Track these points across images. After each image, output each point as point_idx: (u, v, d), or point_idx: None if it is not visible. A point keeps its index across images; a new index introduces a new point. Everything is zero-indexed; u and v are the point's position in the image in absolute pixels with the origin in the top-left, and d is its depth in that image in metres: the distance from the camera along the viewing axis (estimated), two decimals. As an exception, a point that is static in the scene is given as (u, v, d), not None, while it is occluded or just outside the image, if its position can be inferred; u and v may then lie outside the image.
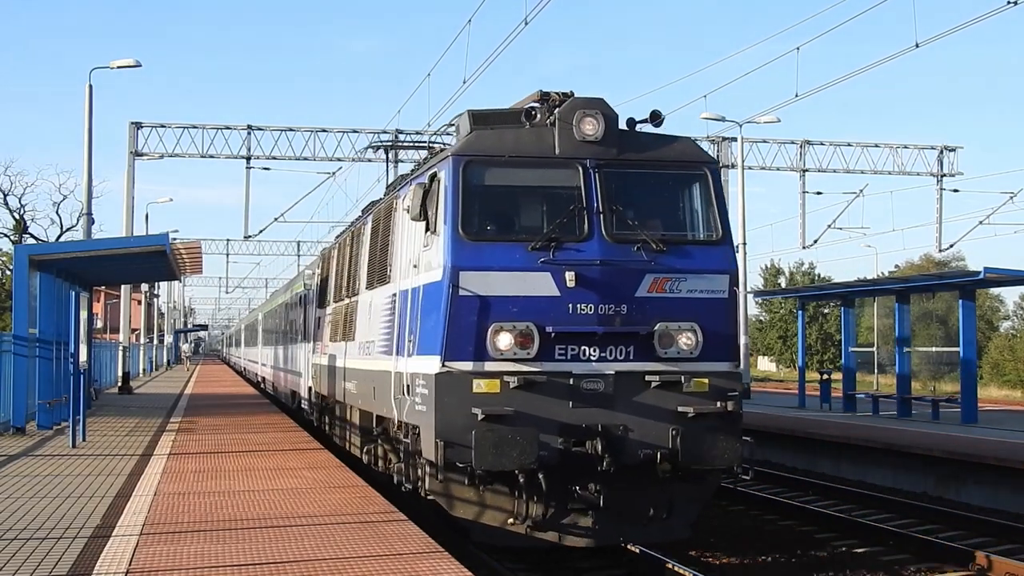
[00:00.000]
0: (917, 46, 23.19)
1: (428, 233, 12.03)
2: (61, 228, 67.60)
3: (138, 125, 39.54)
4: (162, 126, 39.71)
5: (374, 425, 15.19)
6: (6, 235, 68.29)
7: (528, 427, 11.04)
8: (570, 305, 11.42)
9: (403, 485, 13.05)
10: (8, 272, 59.28)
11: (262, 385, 43.24)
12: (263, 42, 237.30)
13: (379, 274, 14.69)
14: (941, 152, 41.05)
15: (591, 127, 11.89)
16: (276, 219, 45.53)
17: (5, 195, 67.39)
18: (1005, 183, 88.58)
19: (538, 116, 12.06)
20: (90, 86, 33.77)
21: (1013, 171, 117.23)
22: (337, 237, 21.49)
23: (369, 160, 40.86)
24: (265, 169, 40.80)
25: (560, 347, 11.43)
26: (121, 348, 42.67)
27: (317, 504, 12.08)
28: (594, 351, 11.51)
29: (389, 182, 18.33)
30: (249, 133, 40.02)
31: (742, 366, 12.15)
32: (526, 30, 22.62)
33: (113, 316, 68.89)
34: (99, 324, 63.26)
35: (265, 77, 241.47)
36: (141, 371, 59.45)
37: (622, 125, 12.29)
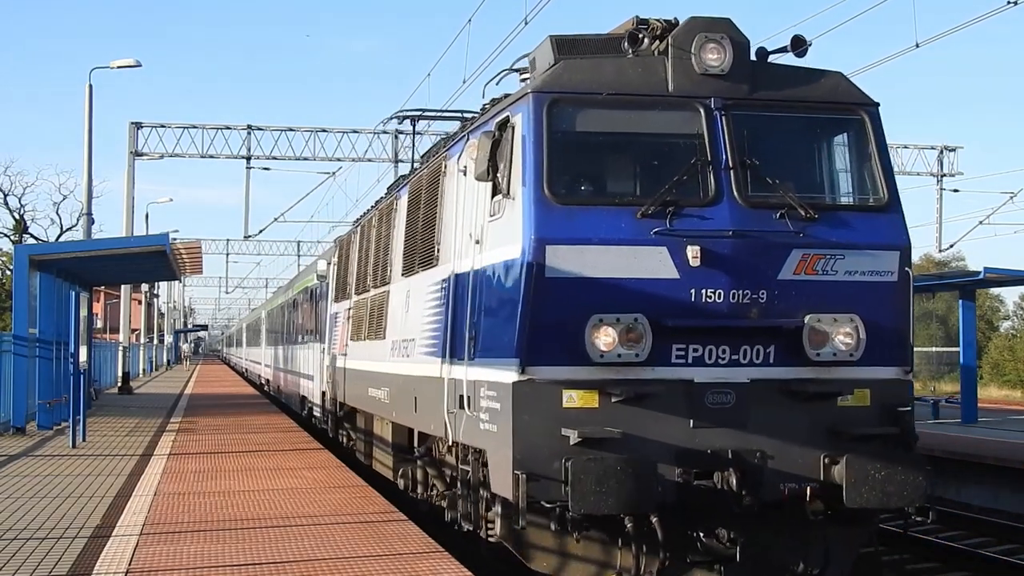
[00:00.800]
0: (917, 46, 23.12)
1: (497, 198, 9.26)
2: (61, 228, 67.67)
3: (138, 125, 39.55)
4: (162, 126, 39.72)
5: (414, 443, 12.70)
6: (6, 235, 68.33)
7: (642, 455, 8.42)
8: (692, 291, 8.73)
9: (458, 523, 10.40)
10: (8, 272, 59.30)
11: (265, 388, 41.78)
12: (263, 42, 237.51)
13: (421, 256, 11.83)
14: (941, 152, 41.03)
15: (716, 56, 9.11)
16: (276, 219, 45.64)
17: (5, 195, 67.43)
18: (1005, 183, 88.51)
19: (645, 41, 9.24)
20: (90, 86, 33.81)
21: (1013, 171, 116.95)
22: (356, 222, 18.68)
23: (369, 160, 40.92)
24: (265, 169, 40.81)
25: (679, 347, 8.77)
26: (121, 348, 42.70)
27: (317, 504, 12.08)
28: (723, 352, 8.83)
29: (413, 158, 16.66)
30: (249, 133, 40.02)
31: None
32: (526, 30, 22.61)
33: (113, 316, 68.89)
34: (99, 324, 63.29)
35: (265, 77, 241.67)
36: (141, 371, 59.49)
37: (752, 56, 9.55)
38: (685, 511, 8.70)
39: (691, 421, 8.75)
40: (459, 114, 14.33)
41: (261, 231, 47.58)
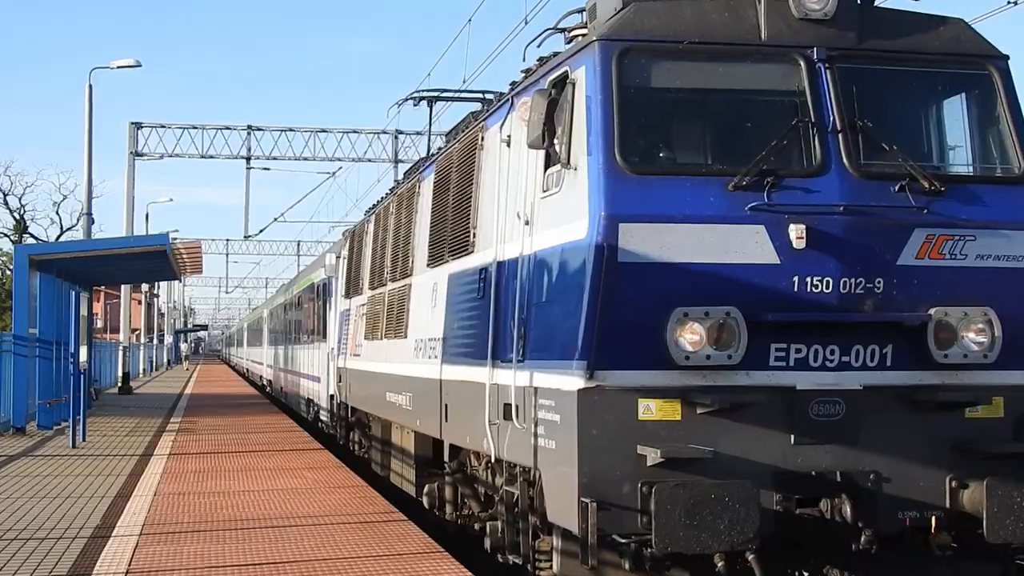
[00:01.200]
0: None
1: (553, 169, 7.87)
2: (61, 228, 67.65)
3: (138, 125, 39.61)
4: (162, 126, 39.80)
5: (445, 457, 11.13)
6: (6, 235, 68.33)
7: (740, 479, 6.98)
8: (796, 278, 7.28)
9: (502, 554, 8.97)
10: (8, 272, 59.32)
11: (267, 389, 40.86)
12: (263, 42, 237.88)
13: (453, 243, 10.35)
14: (941, 152, 41.08)
15: None
16: (276, 219, 45.76)
17: (5, 195, 67.37)
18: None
19: None
20: (90, 86, 33.90)
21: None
22: (370, 210, 17.00)
23: (369, 160, 40.97)
24: (265, 169, 40.98)
25: (778, 347, 7.34)
26: (121, 348, 42.72)
27: (317, 504, 12.08)
28: (831, 353, 7.40)
29: (429, 141, 15.42)
30: (249, 133, 40.11)
31: None
32: (526, 29, 22.63)
33: (113, 316, 68.93)
34: (99, 324, 63.30)
35: (265, 77, 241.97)
36: (141, 371, 59.52)
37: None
38: (786, 546, 7.27)
39: (792, 437, 7.32)
40: (480, 94, 13.22)
41: (261, 231, 47.77)
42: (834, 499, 7.23)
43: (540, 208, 8.10)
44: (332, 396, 19.97)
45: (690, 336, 7.19)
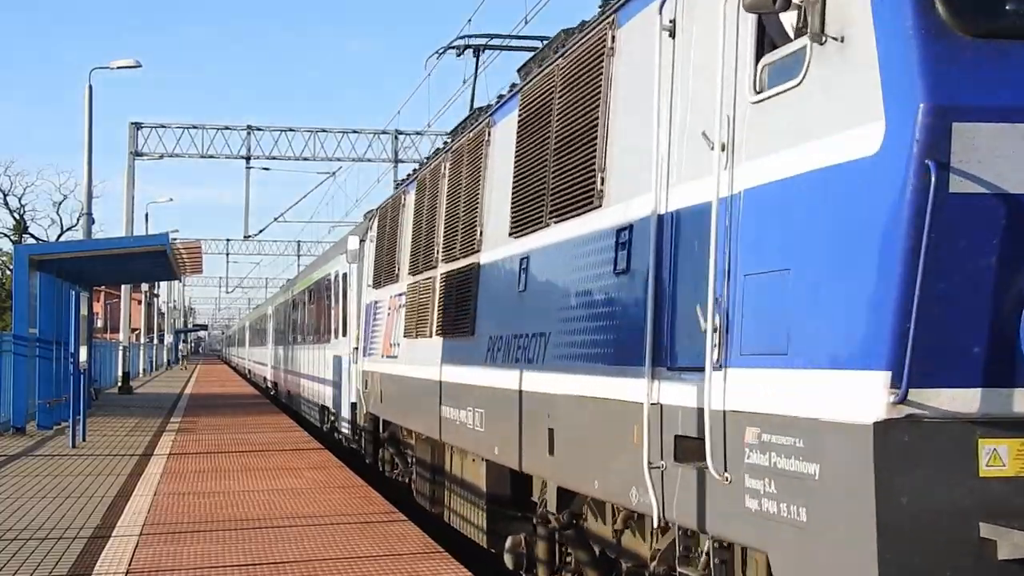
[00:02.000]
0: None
1: (779, 53, 4.89)
2: (61, 228, 67.83)
3: (138, 125, 39.61)
4: (162, 126, 39.80)
5: (542, 502, 8.43)
6: (6, 235, 68.43)
7: None
8: None
9: None
10: (8, 272, 59.33)
11: (272, 392, 39.34)
12: (263, 42, 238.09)
13: (557, 198, 7.59)
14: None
15: None
16: (276, 219, 45.67)
17: (5, 195, 67.58)
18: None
19: None
20: (90, 86, 33.84)
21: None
22: (405, 181, 14.33)
23: (369, 160, 40.98)
24: (265, 169, 40.99)
25: None
26: (121, 348, 42.73)
27: (317, 504, 12.08)
28: None
29: (473, 95, 12.99)
30: (249, 133, 40.11)
31: None
32: (526, 29, 22.65)
33: (113, 316, 68.97)
34: (99, 324, 63.32)
35: (265, 77, 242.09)
36: (141, 371, 59.53)
37: None
38: None
39: None
40: (538, 39, 11.13)
41: (261, 231, 47.85)
42: None
43: (753, 120, 5.04)
44: (355, 405, 17.60)
45: None
